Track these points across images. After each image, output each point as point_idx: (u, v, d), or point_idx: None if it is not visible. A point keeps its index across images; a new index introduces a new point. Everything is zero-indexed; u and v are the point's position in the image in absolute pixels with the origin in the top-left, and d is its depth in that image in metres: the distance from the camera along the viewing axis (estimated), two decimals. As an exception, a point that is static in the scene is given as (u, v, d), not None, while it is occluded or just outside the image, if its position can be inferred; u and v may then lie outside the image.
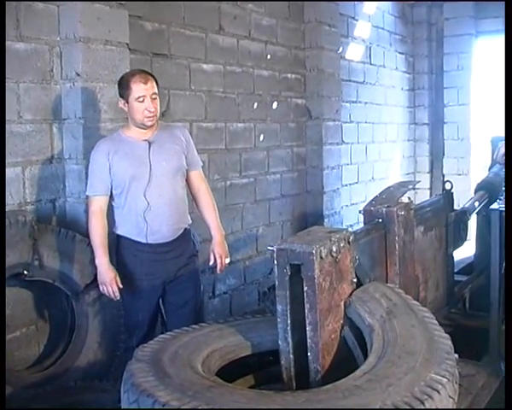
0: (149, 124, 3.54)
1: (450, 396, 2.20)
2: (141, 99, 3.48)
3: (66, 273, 3.87)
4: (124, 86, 3.55)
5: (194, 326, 3.02)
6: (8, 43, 3.85)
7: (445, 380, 2.19)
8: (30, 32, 3.98)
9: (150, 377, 2.35)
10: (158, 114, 3.58)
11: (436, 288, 4.14)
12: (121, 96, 3.58)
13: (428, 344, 2.42)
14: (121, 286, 3.53)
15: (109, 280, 3.51)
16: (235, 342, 2.90)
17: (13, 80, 3.90)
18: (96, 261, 3.55)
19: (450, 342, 2.46)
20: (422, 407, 2.04)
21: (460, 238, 4.41)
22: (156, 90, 3.55)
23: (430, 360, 2.30)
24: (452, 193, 4.36)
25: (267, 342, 2.89)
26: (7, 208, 3.82)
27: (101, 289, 3.58)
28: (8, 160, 3.86)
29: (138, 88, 3.48)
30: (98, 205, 3.56)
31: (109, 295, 3.57)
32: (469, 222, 4.50)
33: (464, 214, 4.42)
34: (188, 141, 3.76)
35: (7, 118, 3.84)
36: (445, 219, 4.24)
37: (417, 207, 3.98)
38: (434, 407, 2.09)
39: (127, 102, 3.53)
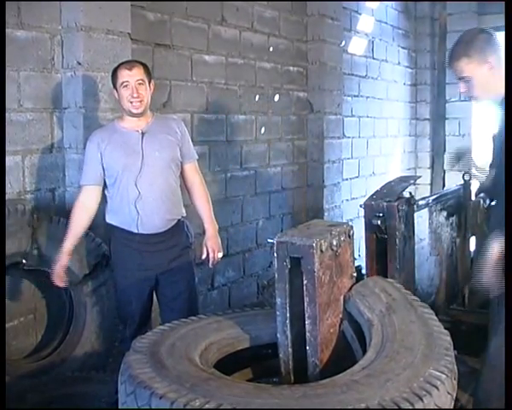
0: (135, 111, 3.54)
1: (448, 393, 2.19)
2: (125, 84, 3.50)
3: (64, 263, 3.85)
4: (113, 75, 3.59)
5: (192, 318, 3.01)
6: (8, 30, 3.82)
7: (443, 376, 2.18)
8: (31, 20, 3.96)
9: (147, 368, 2.34)
10: (146, 102, 3.56)
11: (455, 269, 4.22)
12: (113, 85, 3.61)
13: (427, 340, 2.41)
14: (64, 281, 3.58)
15: (58, 265, 3.53)
16: (233, 335, 2.89)
17: (13, 68, 3.88)
18: (63, 244, 3.55)
19: (449, 338, 2.45)
20: (421, 403, 2.03)
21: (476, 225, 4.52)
22: (143, 77, 3.54)
23: (429, 356, 2.29)
24: (470, 183, 4.45)
25: (265, 336, 2.88)
26: (6, 197, 3.81)
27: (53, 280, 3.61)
28: (8, 148, 3.85)
29: (122, 74, 3.51)
30: (86, 195, 3.58)
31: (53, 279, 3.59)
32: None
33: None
34: (183, 133, 3.74)
35: (7, 106, 3.82)
36: (464, 206, 4.39)
37: (441, 194, 4.39)
38: (433, 403, 2.08)
39: (117, 91, 3.57)
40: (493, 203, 2.94)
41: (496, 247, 2.65)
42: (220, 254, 3.82)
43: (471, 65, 2.82)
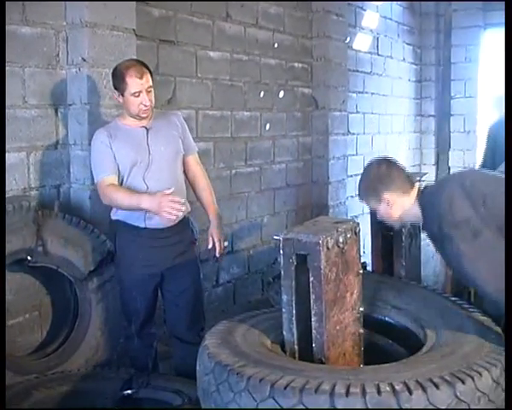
0: (144, 116, 3.54)
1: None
2: (137, 94, 3.45)
3: (69, 260, 3.84)
4: (119, 79, 3.50)
5: (241, 317, 3.02)
6: (13, 27, 3.82)
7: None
8: (36, 17, 3.95)
9: (235, 358, 2.40)
10: (153, 105, 3.56)
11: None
12: (116, 88, 3.54)
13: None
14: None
15: (161, 198, 3.33)
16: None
17: (18, 65, 3.87)
18: (142, 205, 3.39)
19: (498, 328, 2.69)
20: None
21: None
22: (151, 83, 3.52)
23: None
24: None
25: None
26: (11, 194, 3.81)
27: (166, 217, 3.37)
28: (12, 145, 3.84)
29: (134, 83, 3.44)
30: (109, 181, 3.48)
31: (177, 212, 3.35)
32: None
33: None
34: (183, 126, 3.76)
35: (11, 102, 3.82)
36: None
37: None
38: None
39: (122, 96, 3.50)
40: None
41: None
42: (226, 243, 3.83)
43: (372, 202, 3.00)
